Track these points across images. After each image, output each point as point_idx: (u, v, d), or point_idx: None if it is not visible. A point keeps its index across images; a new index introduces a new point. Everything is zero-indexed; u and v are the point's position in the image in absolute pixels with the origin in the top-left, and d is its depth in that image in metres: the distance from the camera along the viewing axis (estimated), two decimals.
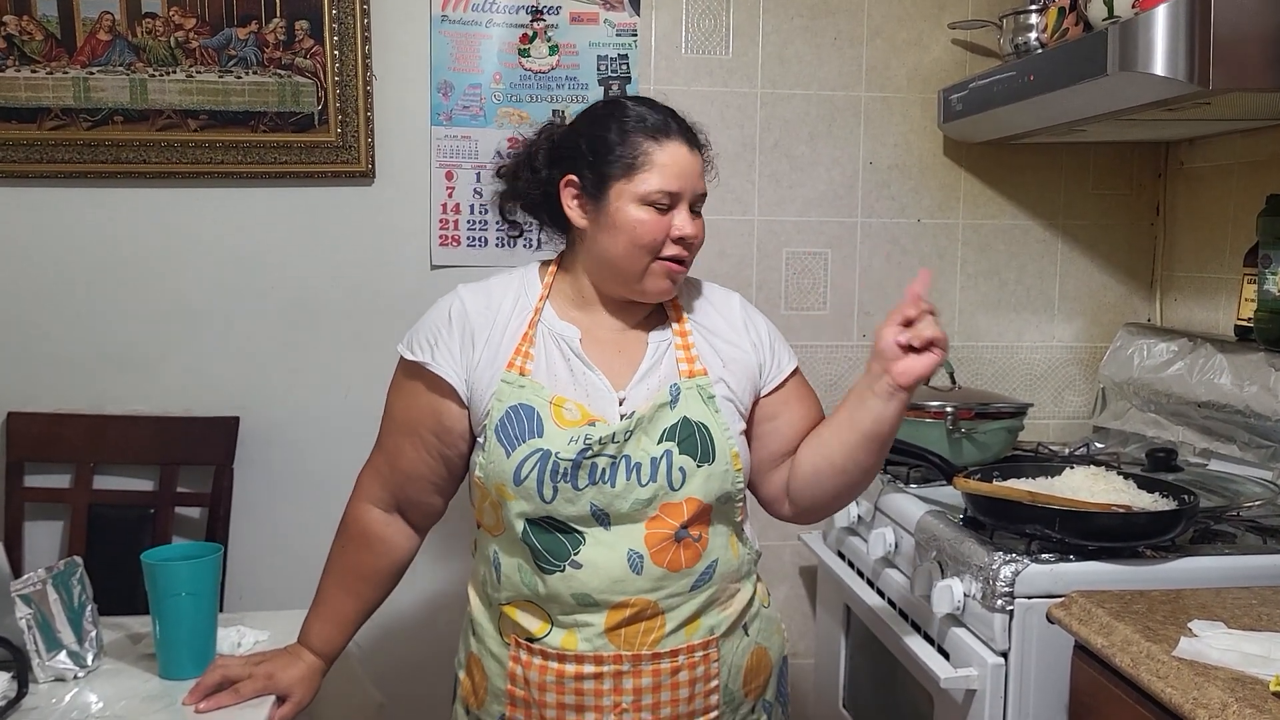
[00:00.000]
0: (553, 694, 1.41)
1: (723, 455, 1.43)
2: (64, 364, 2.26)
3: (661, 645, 1.41)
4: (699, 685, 1.43)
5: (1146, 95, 1.70)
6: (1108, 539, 1.57)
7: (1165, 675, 1.18)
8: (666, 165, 1.41)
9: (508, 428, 1.40)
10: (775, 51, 2.37)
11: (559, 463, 1.37)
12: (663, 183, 1.41)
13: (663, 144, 1.42)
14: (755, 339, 1.53)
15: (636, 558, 1.39)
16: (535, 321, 1.47)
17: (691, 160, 1.44)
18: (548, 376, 1.44)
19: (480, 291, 1.51)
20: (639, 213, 1.41)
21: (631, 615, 1.39)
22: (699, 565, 1.42)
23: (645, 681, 1.40)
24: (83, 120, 2.21)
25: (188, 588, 1.46)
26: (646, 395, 1.44)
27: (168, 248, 2.27)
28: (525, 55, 2.30)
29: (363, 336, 2.31)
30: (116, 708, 1.40)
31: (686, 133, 1.46)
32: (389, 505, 1.54)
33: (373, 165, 2.28)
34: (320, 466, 2.29)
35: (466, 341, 1.46)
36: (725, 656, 1.46)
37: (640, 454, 1.40)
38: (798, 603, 2.47)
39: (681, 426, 1.41)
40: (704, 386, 1.45)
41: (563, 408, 1.41)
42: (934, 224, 2.45)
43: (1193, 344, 2.15)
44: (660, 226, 1.41)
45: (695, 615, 1.43)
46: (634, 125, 1.43)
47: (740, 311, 1.56)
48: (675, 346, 1.48)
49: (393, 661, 2.23)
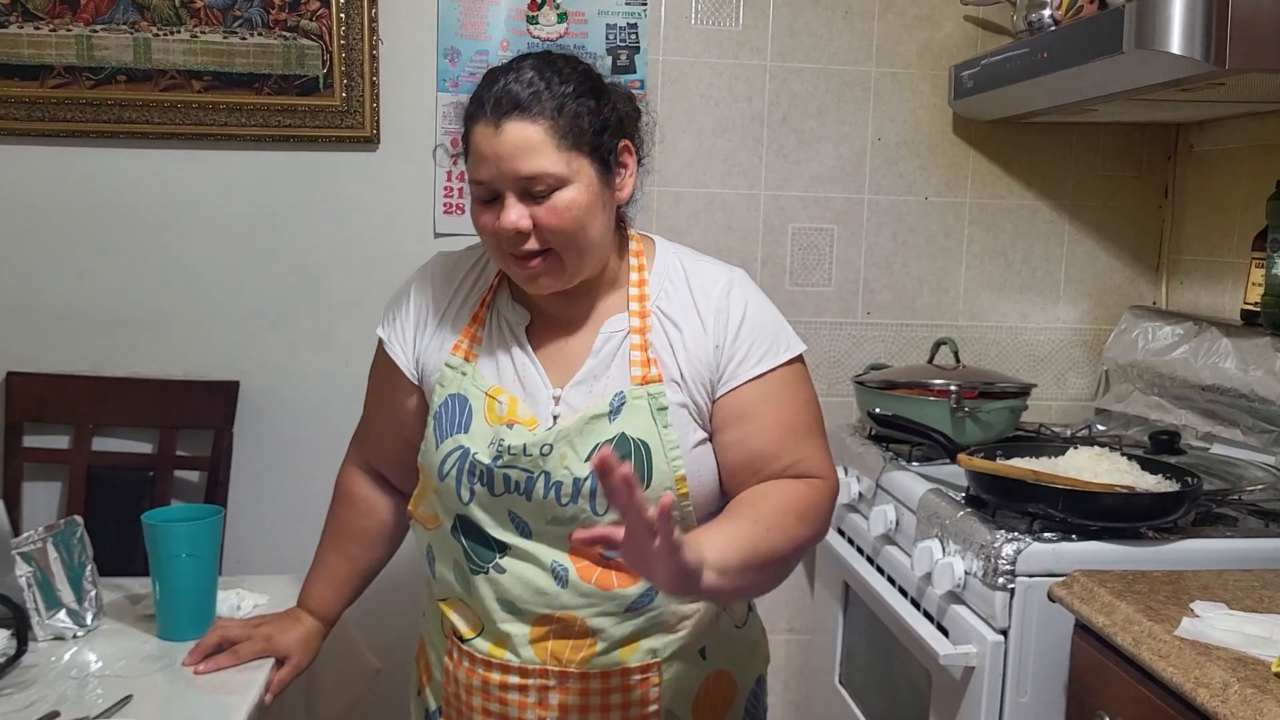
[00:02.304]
0: (479, 699, 1.34)
1: (662, 479, 1.26)
2: (64, 325, 2.26)
3: (591, 665, 1.30)
4: (635, 709, 1.32)
5: (1162, 74, 1.68)
6: (1110, 519, 1.56)
7: (1167, 654, 1.18)
8: (476, 151, 1.25)
9: (441, 418, 1.32)
10: (786, 24, 2.35)
11: (475, 464, 1.28)
12: (473, 172, 1.26)
13: (474, 127, 1.25)
14: (721, 335, 1.32)
15: (561, 570, 1.28)
16: (487, 302, 1.38)
17: (499, 140, 1.22)
18: (490, 363, 1.34)
19: (447, 264, 1.43)
20: (473, 209, 1.29)
21: (558, 629, 1.29)
22: (635, 587, 1.28)
23: (572, 699, 1.30)
24: (86, 79, 2.18)
25: (188, 549, 1.46)
26: (584, 400, 1.30)
27: (170, 209, 2.26)
28: (533, 22, 2.28)
29: (364, 303, 2.30)
30: (116, 667, 1.40)
31: (498, 108, 1.22)
32: (371, 470, 1.53)
33: (377, 130, 2.26)
34: (319, 432, 2.28)
35: (421, 320, 1.39)
36: (671, 680, 1.33)
37: (562, 472, 1.26)
38: (796, 579, 2.47)
39: (618, 444, 1.25)
40: (656, 395, 1.28)
41: (496, 400, 1.30)
42: (941, 202, 2.44)
43: (1198, 328, 2.14)
44: (486, 221, 1.26)
45: (632, 638, 1.30)
46: (468, 105, 1.28)
47: (721, 297, 1.33)
48: (631, 346, 1.31)
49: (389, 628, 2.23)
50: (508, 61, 1.31)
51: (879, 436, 2.13)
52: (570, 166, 1.24)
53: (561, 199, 1.24)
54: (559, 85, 1.25)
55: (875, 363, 2.38)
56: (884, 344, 2.46)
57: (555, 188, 1.23)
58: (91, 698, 1.31)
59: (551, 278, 1.28)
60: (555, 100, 1.24)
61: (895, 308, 2.45)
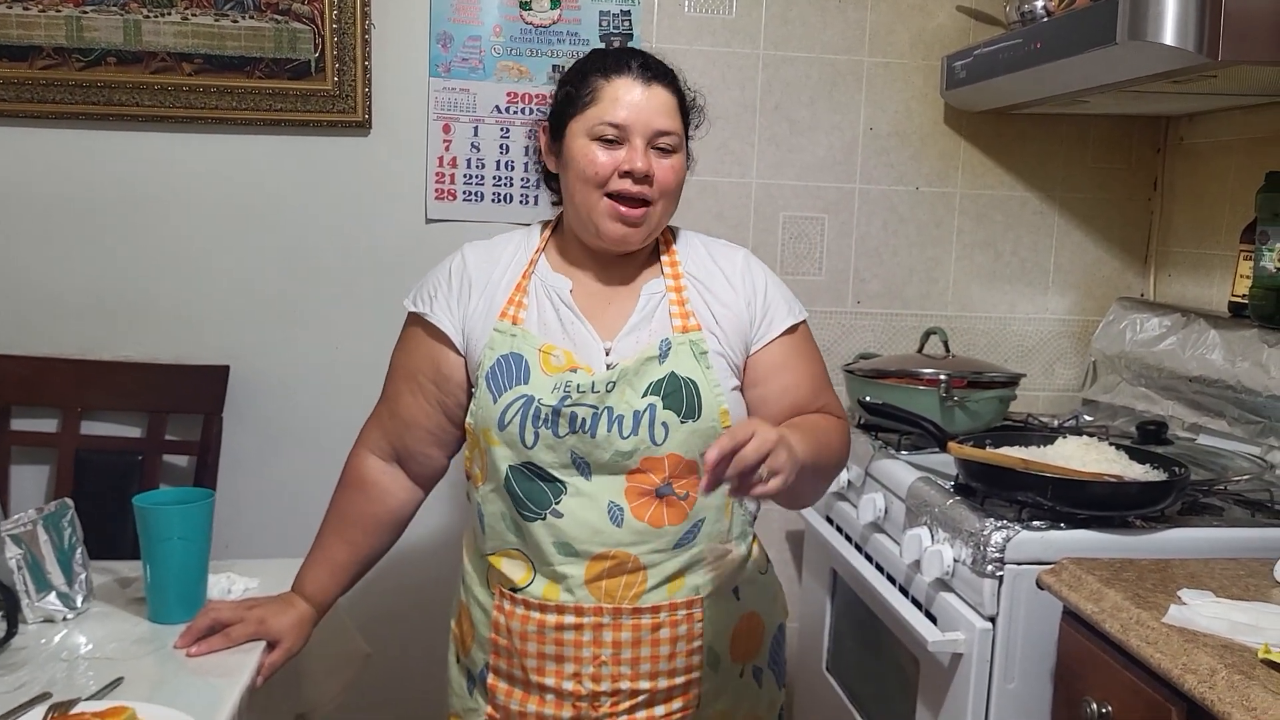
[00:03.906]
0: (534, 643, 1.42)
1: (709, 412, 1.41)
2: (52, 308, 2.24)
3: (643, 600, 1.41)
4: (681, 644, 1.43)
5: (1155, 65, 1.69)
6: (1098, 508, 1.57)
7: (1155, 641, 1.19)
8: (615, 99, 1.41)
9: (497, 375, 1.41)
10: (779, 12, 2.35)
11: (540, 408, 1.38)
12: (606, 114, 1.40)
13: (612, 79, 1.42)
14: (750, 294, 1.50)
15: (617, 510, 1.39)
16: (530, 273, 1.49)
17: (646, 95, 1.42)
18: (539, 325, 1.45)
19: (483, 247, 1.53)
20: (585, 147, 1.41)
21: (612, 568, 1.39)
22: (683, 524, 1.42)
23: (625, 635, 1.40)
24: (75, 60, 2.17)
25: (180, 532, 1.46)
26: (634, 348, 1.43)
27: (160, 192, 2.24)
28: (526, 8, 2.27)
29: (355, 288, 2.29)
30: (106, 649, 1.40)
31: (647, 70, 1.43)
32: (389, 455, 1.55)
33: (369, 115, 2.25)
34: (309, 417, 2.28)
35: (464, 293, 1.48)
36: (711, 617, 1.45)
37: (623, 406, 1.39)
38: (784, 566, 2.48)
39: (668, 381, 1.40)
40: (697, 341, 1.43)
41: (551, 355, 1.42)
42: (932, 192, 2.44)
43: (1185, 319, 2.16)
44: (606, 161, 1.40)
45: (679, 573, 1.42)
46: (591, 65, 1.45)
47: (742, 266, 1.52)
48: (670, 301, 1.47)
49: (380, 613, 2.23)
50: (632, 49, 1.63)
51: (868, 425, 2.14)
52: (682, 136, 1.47)
53: (676, 160, 1.45)
54: (676, 71, 1.48)
55: (865, 352, 2.39)
56: (874, 333, 2.46)
57: (674, 150, 1.44)
58: (82, 680, 1.31)
59: (641, 230, 1.44)
60: (681, 81, 1.48)
61: (885, 297, 2.46)
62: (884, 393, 2.08)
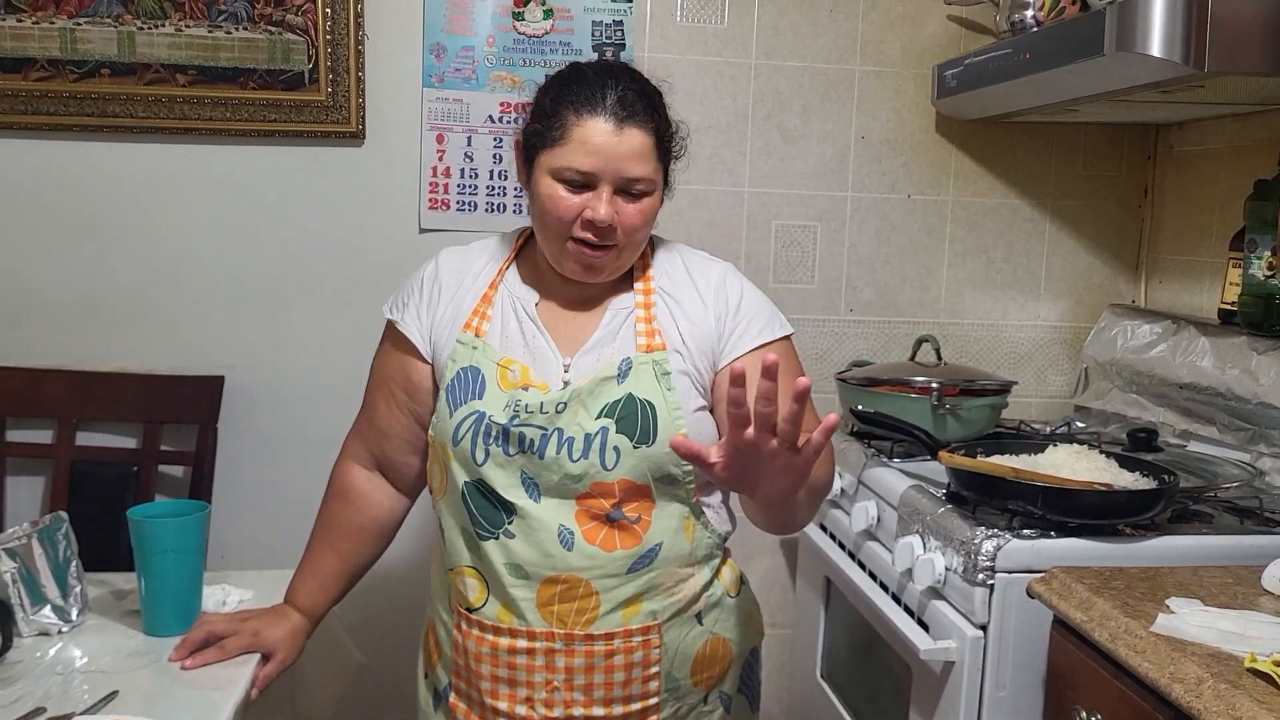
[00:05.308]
0: (488, 665, 1.40)
1: (665, 436, 1.35)
2: (47, 319, 2.25)
3: (595, 626, 1.37)
4: (636, 670, 1.40)
5: (1142, 76, 1.70)
6: (1089, 516, 1.58)
7: (1143, 650, 1.20)
8: (583, 143, 1.33)
9: (455, 388, 1.40)
10: (771, 22, 2.36)
11: (491, 425, 1.36)
12: (573, 159, 1.33)
13: (584, 119, 1.34)
14: (722, 309, 1.44)
15: (568, 534, 1.36)
16: (497, 284, 1.46)
17: (617, 140, 1.33)
18: (500, 338, 1.42)
19: (459, 254, 1.51)
20: (550, 187, 1.35)
21: (563, 592, 1.37)
22: (636, 548, 1.38)
23: (578, 661, 1.38)
24: (69, 72, 2.18)
25: (174, 545, 1.47)
26: (594, 366, 1.40)
27: (154, 203, 2.25)
28: (519, 18, 2.28)
29: (349, 298, 2.30)
30: (101, 663, 1.40)
31: (621, 109, 1.34)
32: (370, 464, 1.56)
33: (363, 126, 2.26)
34: (304, 427, 2.29)
35: (433, 300, 1.47)
36: (670, 643, 1.42)
37: (574, 428, 1.35)
38: (778, 574, 2.49)
39: (625, 403, 1.36)
40: (660, 361, 1.39)
41: (508, 369, 1.39)
42: (924, 200, 2.45)
43: (1176, 326, 2.17)
44: (569, 206, 1.34)
45: (634, 598, 1.39)
46: (565, 95, 1.36)
47: (718, 280, 1.46)
48: (637, 319, 1.42)
49: (375, 623, 2.23)
50: (597, 62, 1.50)
51: (861, 433, 2.15)
52: (657, 176, 1.39)
53: (647, 203, 1.38)
54: (659, 103, 1.40)
55: (857, 360, 2.40)
56: (866, 341, 2.47)
57: (646, 193, 1.38)
58: (77, 693, 1.31)
59: (606, 269, 1.40)
60: (661, 117, 1.40)
61: (878, 305, 2.47)
62: (876, 401, 2.09)
